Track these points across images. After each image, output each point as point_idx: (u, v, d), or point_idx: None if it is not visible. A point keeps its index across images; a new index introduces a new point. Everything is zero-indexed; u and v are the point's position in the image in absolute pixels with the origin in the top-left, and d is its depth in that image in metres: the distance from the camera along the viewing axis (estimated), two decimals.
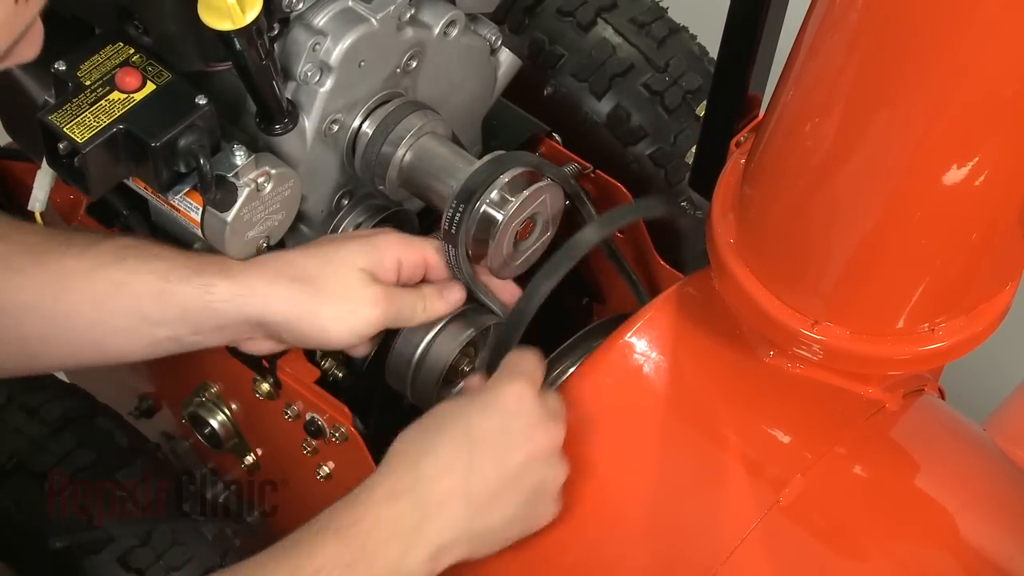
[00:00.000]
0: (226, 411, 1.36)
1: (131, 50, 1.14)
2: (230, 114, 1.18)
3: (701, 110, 1.57)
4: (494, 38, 1.29)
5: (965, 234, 1.02)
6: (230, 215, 1.14)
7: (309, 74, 1.16)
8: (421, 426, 1.10)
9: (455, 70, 1.28)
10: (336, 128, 1.20)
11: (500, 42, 1.30)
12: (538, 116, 1.47)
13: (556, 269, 1.19)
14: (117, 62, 1.13)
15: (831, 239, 1.07)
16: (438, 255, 1.20)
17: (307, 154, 1.19)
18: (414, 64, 1.23)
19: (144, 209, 1.31)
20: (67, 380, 1.47)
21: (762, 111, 1.23)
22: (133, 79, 1.12)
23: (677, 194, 1.50)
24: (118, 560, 1.33)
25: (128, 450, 1.39)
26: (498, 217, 1.16)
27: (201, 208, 1.15)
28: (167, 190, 1.14)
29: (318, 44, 1.16)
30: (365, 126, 1.22)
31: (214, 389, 1.36)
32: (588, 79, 1.58)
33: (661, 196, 1.49)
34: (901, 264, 1.05)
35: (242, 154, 1.14)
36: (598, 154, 1.51)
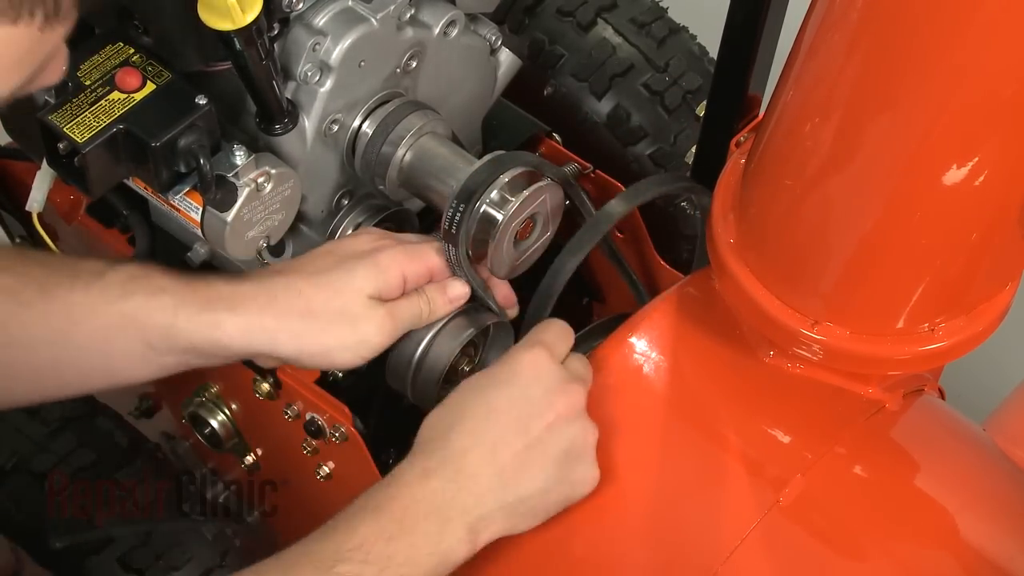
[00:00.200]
0: (226, 411, 1.36)
1: (131, 50, 1.14)
2: (230, 114, 1.18)
3: (701, 110, 1.57)
4: (494, 38, 1.29)
5: (965, 234, 1.02)
6: (230, 215, 1.14)
7: (309, 74, 1.16)
8: (445, 407, 1.12)
9: (455, 70, 1.28)
10: (336, 128, 1.20)
11: (500, 42, 1.30)
12: (538, 116, 1.47)
13: (582, 245, 1.19)
14: (117, 62, 1.13)
15: (831, 239, 1.07)
16: (440, 258, 1.19)
17: (307, 154, 1.19)
18: (414, 64, 1.23)
19: (144, 209, 1.32)
20: None
21: (762, 111, 1.23)
22: (133, 79, 1.12)
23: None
24: (118, 560, 1.33)
25: (128, 450, 1.40)
26: (498, 217, 1.16)
27: (201, 208, 1.15)
28: (167, 190, 1.14)
29: (318, 44, 1.15)
30: (365, 126, 1.22)
31: (214, 389, 1.36)
32: (588, 79, 1.58)
33: (681, 173, 1.48)
34: (901, 264, 1.05)
35: (242, 154, 1.14)
36: (598, 154, 1.51)
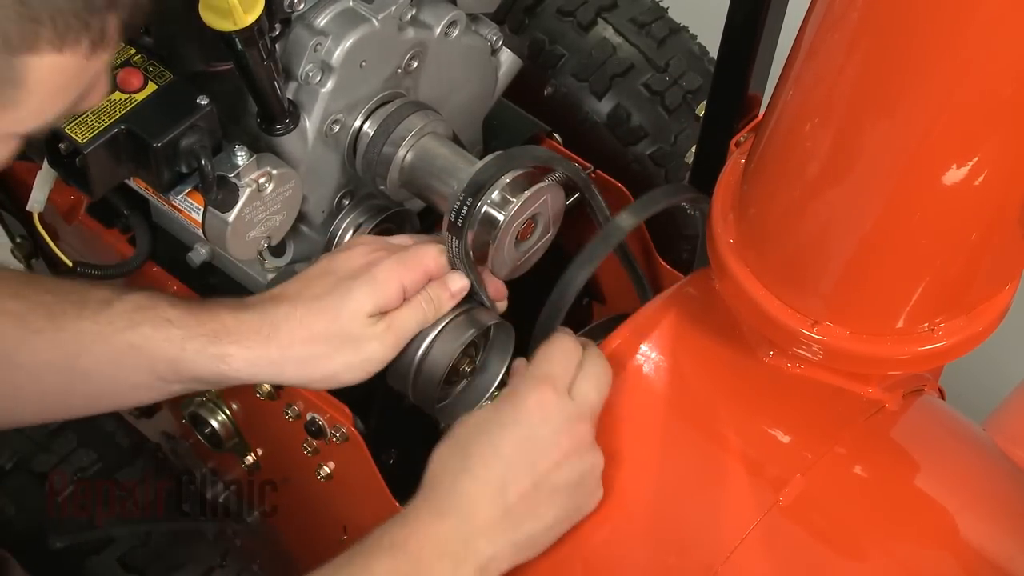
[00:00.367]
0: (226, 411, 1.36)
1: (132, 50, 1.14)
2: (231, 114, 1.18)
3: (701, 110, 1.57)
4: (495, 38, 1.29)
5: (965, 234, 1.02)
6: (231, 215, 1.14)
7: (310, 74, 1.16)
8: (454, 443, 1.12)
9: (456, 70, 1.28)
10: (337, 128, 1.20)
11: (501, 42, 1.30)
12: (538, 116, 1.47)
13: (593, 257, 1.19)
14: (118, 62, 1.13)
15: (831, 239, 1.07)
16: (436, 259, 1.19)
17: (308, 154, 1.19)
18: (415, 64, 1.23)
19: (144, 209, 1.32)
20: None
21: (762, 111, 1.23)
22: (135, 79, 1.12)
23: None
24: (118, 560, 1.34)
25: (129, 450, 1.40)
26: (500, 217, 1.16)
27: (202, 208, 1.15)
28: (168, 191, 1.14)
29: (319, 44, 1.15)
30: (366, 126, 1.21)
31: (214, 390, 1.36)
32: (588, 79, 1.58)
33: (687, 184, 1.48)
34: (901, 264, 1.05)
35: (243, 154, 1.14)
36: (598, 154, 1.51)
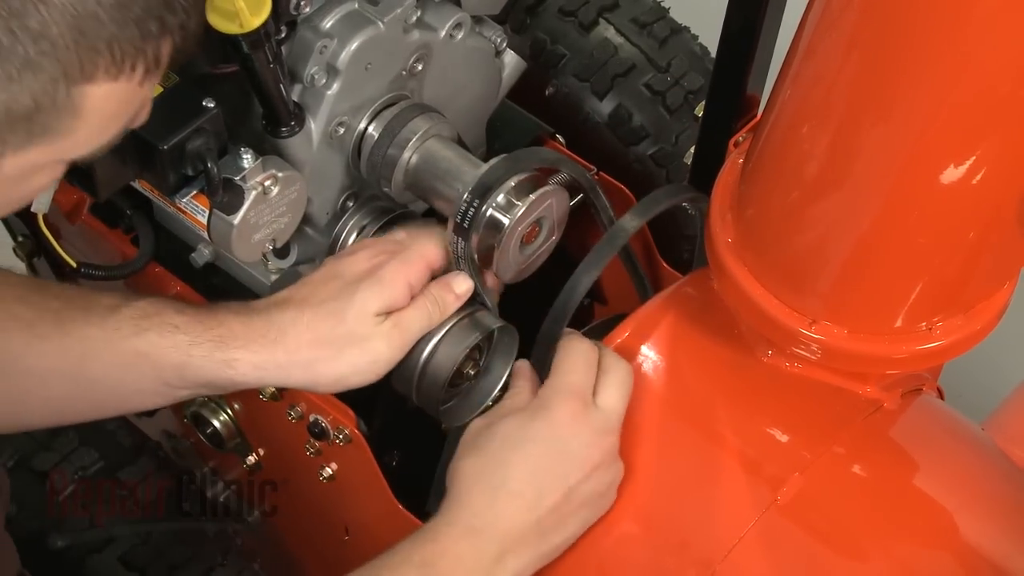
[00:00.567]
0: (228, 411, 1.36)
1: None
2: (236, 116, 1.17)
3: (699, 110, 1.57)
4: (499, 40, 1.29)
5: (962, 233, 1.03)
6: (237, 218, 1.14)
7: (316, 77, 1.15)
8: (484, 457, 1.13)
9: (460, 72, 1.28)
10: (342, 131, 1.20)
11: (505, 44, 1.30)
12: (540, 116, 1.47)
13: (598, 261, 1.20)
14: None
15: (828, 239, 1.08)
16: (435, 248, 1.19)
17: (313, 156, 1.19)
18: (420, 67, 1.22)
19: (148, 209, 1.32)
20: None
21: (760, 111, 1.23)
22: None
23: None
24: (119, 559, 1.34)
25: (130, 449, 1.40)
26: (505, 221, 1.16)
27: (207, 211, 1.15)
28: (174, 193, 1.14)
29: (325, 47, 1.15)
30: (371, 128, 1.21)
31: None
32: (590, 79, 1.58)
33: (688, 185, 1.48)
34: (898, 263, 1.06)
35: (249, 157, 1.13)
36: (600, 154, 1.51)
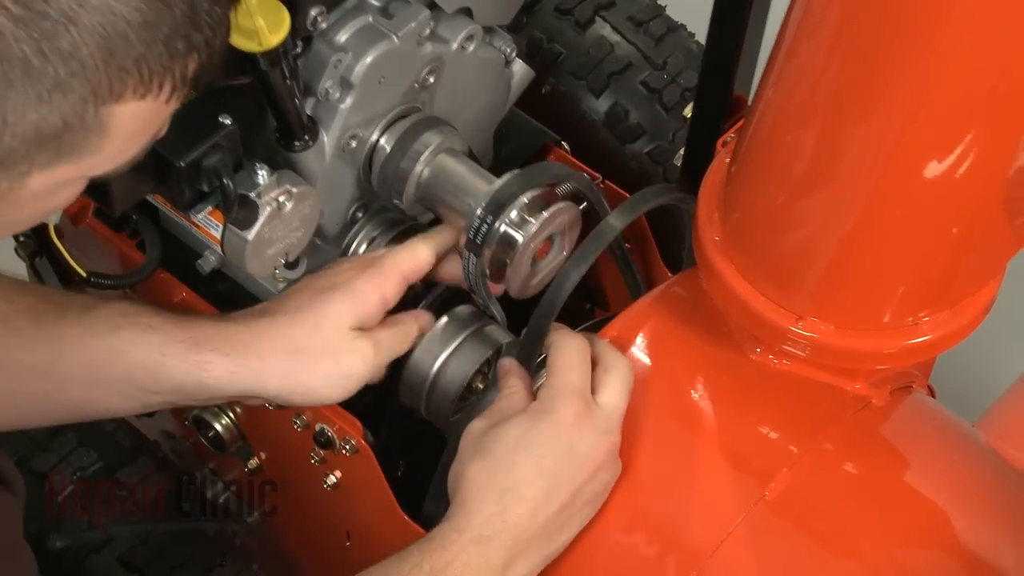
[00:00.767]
0: (230, 415, 1.35)
1: None
2: (249, 127, 1.16)
3: (688, 111, 1.57)
4: (509, 50, 1.29)
5: (946, 228, 1.04)
6: (251, 233, 1.13)
7: (330, 91, 1.15)
8: (490, 461, 1.12)
9: (471, 83, 1.27)
10: (354, 143, 1.19)
11: (515, 53, 1.29)
12: (536, 114, 1.46)
13: (585, 257, 1.19)
14: None
15: (814, 236, 1.08)
16: (411, 261, 1.19)
17: (325, 169, 1.19)
18: (432, 79, 1.22)
19: (154, 214, 1.30)
20: None
21: None
22: None
23: None
24: (118, 559, 1.34)
25: (129, 450, 1.40)
26: (519, 238, 1.16)
27: (222, 226, 1.15)
28: (189, 209, 1.13)
29: (340, 61, 1.14)
30: (383, 141, 1.21)
31: None
32: (586, 77, 1.58)
33: (673, 185, 1.49)
34: (883, 259, 1.07)
35: (264, 173, 1.13)
36: (596, 152, 1.52)
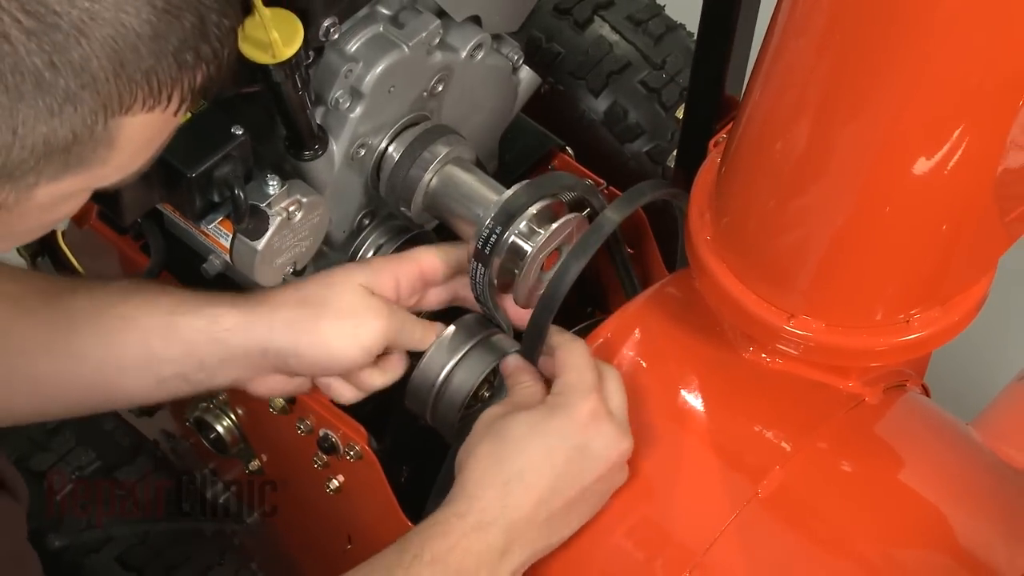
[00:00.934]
0: (232, 417, 1.35)
1: None
2: (258, 135, 1.16)
3: (680, 112, 1.57)
4: (516, 57, 1.29)
5: (936, 225, 1.04)
6: (261, 243, 1.14)
7: (340, 100, 1.15)
8: (499, 447, 1.11)
9: (479, 90, 1.27)
10: (363, 152, 1.19)
11: (522, 60, 1.29)
12: (535, 114, 1.46)
13: (585, 249, 1.19)
14: None
15: (804, 235, 1.09)
16: (432, 259, 1.20)
17: (334, 178, 1.19)
18: (441, 87, 1.22)
19: (158, 216, 1.30)
20: None
21: None
22: None
23: None
24: (117, 559, 1.34)
25: (128, 449, 1.39)
26: (527, 248, 1.16)
27: (231, 235, 1.14)
28: (200, 219, 1.13)
29: (350, 70, 1.14)
30: (391, 149, 1.21)
31: (222, 396, 1.35)
32: (585, 76, 1.58)
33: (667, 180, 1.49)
34: (874, 257, 1.07)
35: (275, 184, 1.13)
36: (595, 152, 1.52)
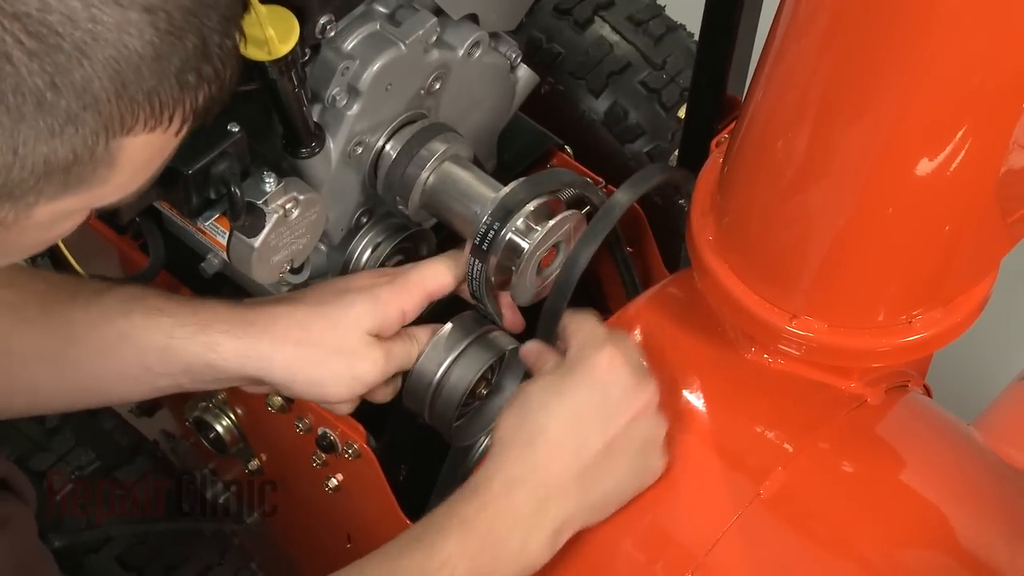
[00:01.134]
0: (231, 416, 1.36)
1: None
2: (255, 133, 1.16)
3: (682, 112, 1.57)
4: (514, 55, 1.28)
5: (938, 226, 1.04)
6: (258, 241, 1.13)
7: (337, 98, 1.15)
8: (522, 408, 1.11)
9: (476, 89, 1.27)
10: (360, 150, 1.19)
11: (520, 59, 1.29)
12: (535, 114, 1.46)
13: (595, 235, 1.19)
14: None
15: (806, 235, 1.09)
16: (436, 279, 1.20)
17: (331, 175, 1.19)
18: (438, 85, 1.22)
19: (156, 215, 1.30)
20: None
21: None
22: None
23: None
24: (116, 559, 1.34)
25: (127, 449, 1.40)
26: (524, 245, 1.16)
27: (228, 232, 1.14)
28: (196, 216, 1.13)
29: (347, 68, 1.14)
30: (388, 147, 1.21)
31: (221, 396, 1.35)
32: (585, 77, 1.58)
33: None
34: (876, 257, 1.07)
35: (272, 181, 1.13)
36: (595, 152, 1.52)
